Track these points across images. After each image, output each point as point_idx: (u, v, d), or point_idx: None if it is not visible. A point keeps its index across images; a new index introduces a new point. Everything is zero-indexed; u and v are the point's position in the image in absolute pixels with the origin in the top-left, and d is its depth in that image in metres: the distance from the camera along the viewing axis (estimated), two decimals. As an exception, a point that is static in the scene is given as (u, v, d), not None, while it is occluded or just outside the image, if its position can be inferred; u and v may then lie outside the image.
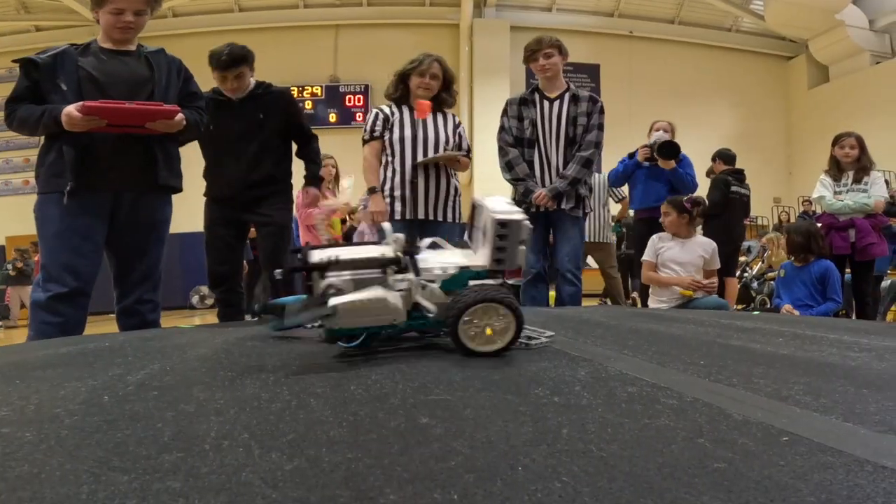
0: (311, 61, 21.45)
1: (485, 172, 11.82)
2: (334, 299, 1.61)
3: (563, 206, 5.27)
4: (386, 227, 1.91)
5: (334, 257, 1.73)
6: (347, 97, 21.97)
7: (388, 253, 1.78)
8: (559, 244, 5.43)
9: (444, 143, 5.21)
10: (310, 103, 21.37)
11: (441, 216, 5.23)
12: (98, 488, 0.78)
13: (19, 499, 0.76)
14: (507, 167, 5.39)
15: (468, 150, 5.44)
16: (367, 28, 22.04)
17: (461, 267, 1.85)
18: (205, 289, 16.84)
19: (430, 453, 0.90)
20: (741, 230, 8.40)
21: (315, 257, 1.75)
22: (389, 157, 5.21)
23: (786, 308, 6.24)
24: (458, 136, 5.34)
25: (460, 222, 5.37)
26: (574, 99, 5.38)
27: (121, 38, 3.99)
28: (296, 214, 6.54)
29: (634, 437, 1.00)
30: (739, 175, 8.08)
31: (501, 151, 5.41)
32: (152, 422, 1.12)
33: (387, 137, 5.20)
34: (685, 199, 6.23)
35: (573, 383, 1.41)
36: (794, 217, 17.93)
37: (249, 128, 4.80)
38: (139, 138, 3.88)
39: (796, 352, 1.97)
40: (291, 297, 2.25)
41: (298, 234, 7.04)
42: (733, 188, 7.81)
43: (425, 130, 5.18)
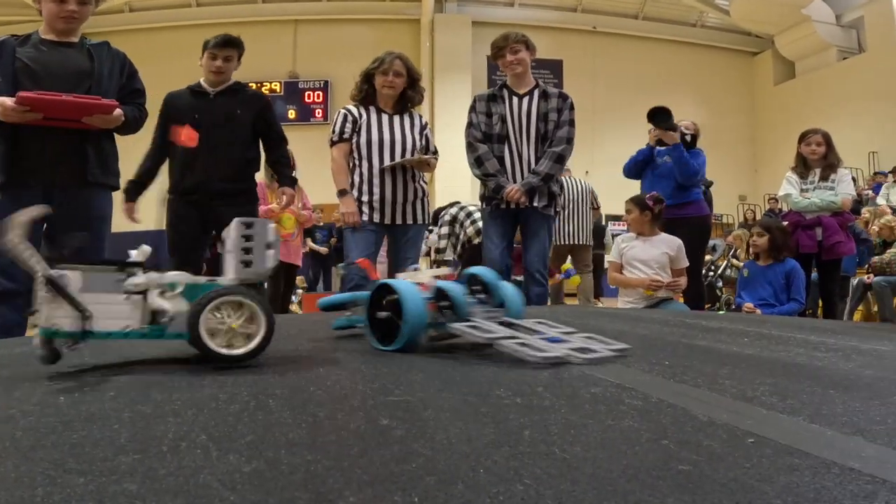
0: (269, 57, 21.34)
1: (446, 170, 11.81)
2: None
3: (536, 204, 5.29)
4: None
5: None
6: (307, 93, 22.06)
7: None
8: (528, 243, 5.42)
9: (412, 146, 5.24)
10: (269, 99, 21.31)
11: (410, 219, 5.26)
12: (53, 490, 0.77)
13: (-31, 503, 0.75)
14: (477, 163, 5.37)
15: (435, 151, 5.47)
16: (327, 23, 22.07)
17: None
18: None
19: (390, 455, 0.90)
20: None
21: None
22: (356, 161, 5.22)
23: (746, 307, 6.28)
24: (425, 137, 5.38)
25: (427, 224, 5.38)
26: (544, 95, 5.40)
27: (64, 29, 3.94)
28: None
29: (598, 438, 1.00)
30: None
31: (470, 147, 5.40)
32: (109, 423, 1.11)
33: (354, 140, 5.22)
34: (647, 197, 6.25)
35: (535, 384, 1.41)
36: (760, 215, 18.14)
37: (225, 120, 4.87)
38: (73, 133, 3.83)
39: (762, 352, 1.99)
40: (348, 295, 2.35)
41: None
42: None
43: (392, 134, 5.20)
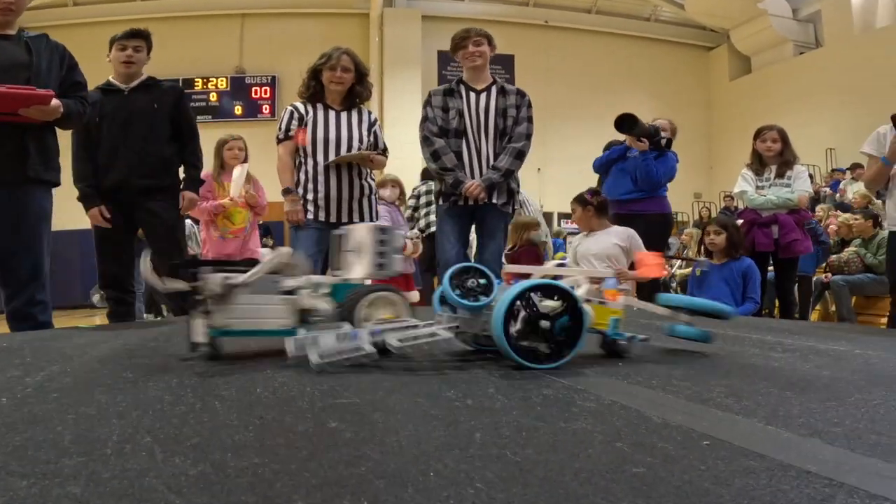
0: (216, 52, 21.27)
1: (396, 166, 11.78)
2: None
3: (495, 201, 5.28)
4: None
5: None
6: (254, 89, 21.92)
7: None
8: (484, 242, 5.40)
9: (359, 142, 5.23)
10: (214, 95, 21.34)
11: (356, 217, 5.25)
12: (-4, 493, 0.76)
13: None
14: (434, 157, 5.33)
15: (384, 148, 5.46)
16: (275, 18, 21.96)
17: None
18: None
19: (339, 458, 0.90)
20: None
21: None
22: (302, 158, 5.21)
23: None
24: (374, 134, 5.37)
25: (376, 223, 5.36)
26: (502, 91, 5.39)
27: (0, 21, 3.89)
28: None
29: (550, 441, 1.00)
30: None
31: (427, 141, 5.36)
32: (52, 425, 1.11)
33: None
34: (585, 191, 6.29)
35: (486, 385, 1.42)
36: (716, 213, 18.32)
37: (140, 116, 4.82)
38: (12, 128, 3.78)
39: (717, 352, 2.02)
40: None
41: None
42: None
43: (339, 131, 5.19)
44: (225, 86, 21.80)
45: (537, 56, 23.12)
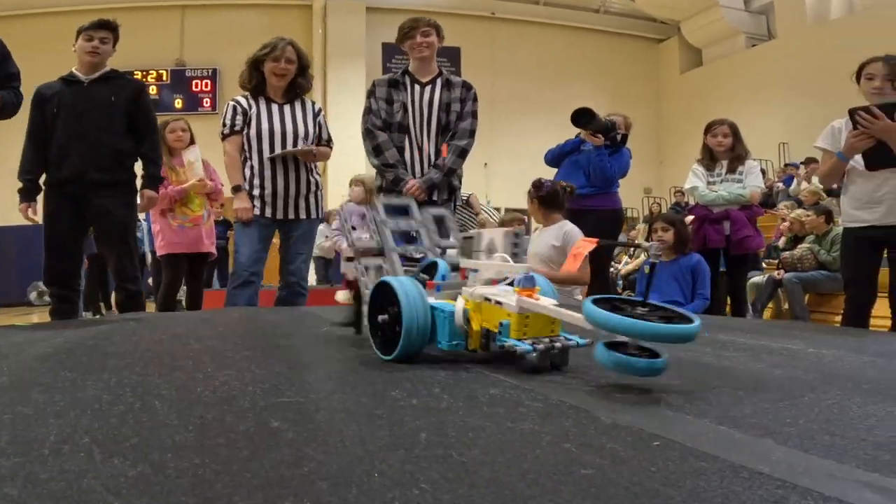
0: (155, 44, 21.04)
1: (340, 161, 11.74)
2: None
3: (436, 199, 5.29)
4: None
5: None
6: (194, 82, 21.92)
7: None
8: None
9: (304, 135, 5.26)
10: (154, 88, 21.15)
11: (303, 213, 5.29)
12: (-70, 495, 0.76)
13: None
14: (376, 151, 5.31)
15: (329, 138, 5.50)
16: (216, 9, 21.86)
17: None
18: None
19: (281, 459, 0.91)
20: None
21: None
22: (247, 153, 5.22)
23: None
24: (319, 125, 5.41)
25: (321, 218, 5.35)
26: (447, 84, 5.40)
27: None
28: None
29: (497, 441, 1.01)
30: None
31: (369, 134, 5.33)
32: None
33: (245, 132, 5.23)
34: (533, 181, 6.25)
35: (432, 384, 1.42)
36: (666, 209, 18.50)
37: (99, 108, 4.85)
38: None
39: (668, 351, 2.03)
40: None
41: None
42: None
43: (283, 124, 5.21)
44: (165, 78, 21.76)
45: (484, 49, 23.23)
